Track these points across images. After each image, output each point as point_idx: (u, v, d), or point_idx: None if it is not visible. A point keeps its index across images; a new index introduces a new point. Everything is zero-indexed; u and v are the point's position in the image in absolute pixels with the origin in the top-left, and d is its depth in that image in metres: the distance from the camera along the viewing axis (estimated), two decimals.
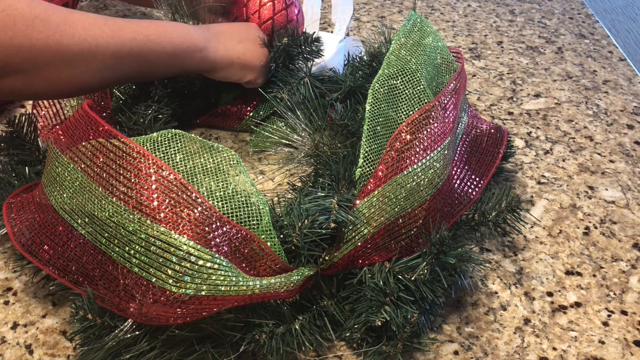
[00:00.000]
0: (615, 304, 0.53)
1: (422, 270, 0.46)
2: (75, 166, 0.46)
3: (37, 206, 0.47)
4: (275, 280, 0.43)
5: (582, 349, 0.48)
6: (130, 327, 0.42)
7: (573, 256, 0.57)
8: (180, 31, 0.58)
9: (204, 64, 0.60)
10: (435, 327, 0.49)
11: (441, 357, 0.47)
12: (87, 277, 0.44)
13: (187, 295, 0.40)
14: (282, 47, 0.64)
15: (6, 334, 0.47)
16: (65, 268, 0.45)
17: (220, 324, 0.43)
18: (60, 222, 0.45)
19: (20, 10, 0.47)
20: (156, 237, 0.41)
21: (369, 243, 0.48)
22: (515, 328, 0.50)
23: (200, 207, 0.43)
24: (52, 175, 0.47)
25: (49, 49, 0.48)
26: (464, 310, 0.51)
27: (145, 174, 0.43)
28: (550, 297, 0.53)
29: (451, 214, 0.53)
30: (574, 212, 0.63)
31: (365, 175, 0.49)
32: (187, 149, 0.47)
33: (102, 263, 0.43)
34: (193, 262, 0.40)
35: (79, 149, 0.46)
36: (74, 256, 0.44)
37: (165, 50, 0.56)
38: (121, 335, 0.42)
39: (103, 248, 0.43)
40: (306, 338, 0.45)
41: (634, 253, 0.58)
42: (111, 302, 0.42)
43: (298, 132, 0.56)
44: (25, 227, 0.47)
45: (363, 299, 0.46)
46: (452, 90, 0.55)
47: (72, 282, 0.45)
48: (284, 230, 0.46)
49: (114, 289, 0.42)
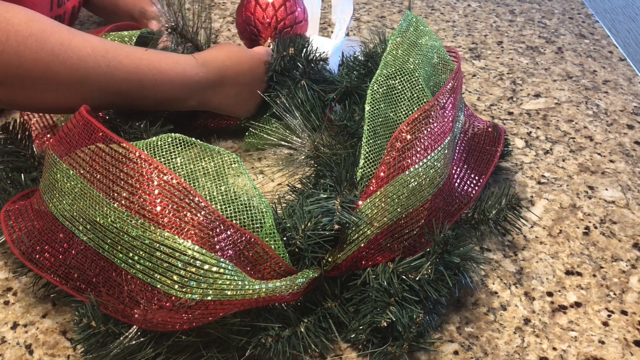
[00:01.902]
0: (615, 304, 0.52)
1: (427, 270, 0.46)
2: (75, 172, 0.46)
3: (36, 213, 0.47)
4: (281, 283, 0.43)
5: (582, 349, 0.48)
6: (135, 334, 0.42)
7: (573, 256, 0.57)
8: (179, 70, 0.56)
9: (196, 107, 0.61)
10: (435, 327, 0.49)
11: (441, 357, 0.47)
12: (90, 284, 0.44)
13: (194, 301, 0.40)
14: (288, 57, 0.64)
15: (6, 334, 0.47)
16: (67, 275, 0.44)
17: (226, 329, 0.43)
18: (60, 229, 0.45)
19: (17, 26, 0.46)
20: (160, 242, 0.41)
21: (372, 244, 0.47)
22: (515, 328, 0.50)
23: (204, 211, 0.43)
24: (50, 181, 0.47)
25: (38, 70, 0.47)
26: (464, 310, 0.51)
27: (147, 179, 0.43)
28: (550, 297, 0.53)
29: (452, 213, 0.53)
30: (574, 212, 0.63)
31: (366, 176, 0.49)
32: (188, 152, 0.47)
33: (104, 269, 0.43)
34: (198, 266, 0.40)
35: (78, 154, 0.46)
36: (76, 263, 0.44)
37: (156, 96, 0.56)
38: (126, 342, 0.41)
39: (106, 254, 0.42)
40: (312, 340, 0.45)
41: (634, 253, 0.58)
42: (115, 309, 0.42)
43: (297, 134, 0.56)
44: (25, 234, 0.46)
45: (367, 300, 0.46)
46: (450, 89, 0.55)
47: (74, 289, 0.44)
48: (287, 232, 0.46)
49: (117, 296, 0.42)
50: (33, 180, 0.55)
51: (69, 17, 0.76)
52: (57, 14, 0.72)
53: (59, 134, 0.49)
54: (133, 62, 0.53)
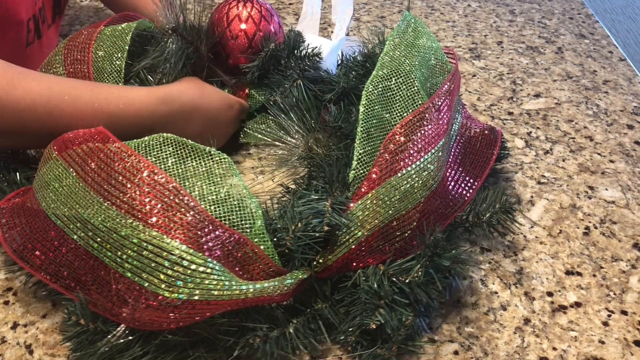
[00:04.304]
0: (615, 304, 0.52)
1: (416, 273, 0.46)
2: (69, 170, 0.46)
3: (29, 211, 0.47)
4: (269, 284, 0.42)
5: (582, 349, 0.48)
6: (123, 332, 0.42)
7: (573, 256, 0.57)
8: (133, 122, 0.54)
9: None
10: (435, 327, 0.49)
11: (441, 357, 0.47)
12: (79, 283, 0.44)
13: (180, 300, 0.40)
14: (269, 53, 0.64)
15: (6, 334, 0.47)
16: (57, 273, 0.45)
17: (213, 329, 0.43)
18: (51, 227, 0.45)
19: None
20: (148, 242, 0.41)
21: (363, 246, 0.47)
22: (515, 328, 0.50)
23: (193, 211, 0.43)
24: (44, 180, 0.47)
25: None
26: (464, 310, 0.51)
27: (138, 179, 0.43)
28: (550, 297, 0.53)
29: (445, 215, 0.52)
30: (574, 212, 0.62)
31: (359, 177, 0.49)
32: (179, 152, 0.47)
33: (94, 268, 0.43)
34: (185, 266, 0.40)
35: (70, 153, 0.46)
36: (66, 261, 0.44)
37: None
38: (114, 341, 0.42)
39: (95, 253, 0.43)
40: (300, 341, 0.45)
41: (634, 253, 0.58)
42: (104, 307, 0.42)
43: (291, 134, 0.56)
44: (17, 232, 0.47)
45: (357, 302, 0.46)
46: (446, 91, 0.55)
47: (64, 287, 0.44)
48: (278, 233, 0.46)
49: (106, 294, 0.42)
50: (28, 178, 0.56)
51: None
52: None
53: (66, 134, 0.49)
54: (77, 109, 0.52)
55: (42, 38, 0.72)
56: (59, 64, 0.60)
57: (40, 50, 0.71)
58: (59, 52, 0.61)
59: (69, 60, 0.60)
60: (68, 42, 0.62)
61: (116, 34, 0.62)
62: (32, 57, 0.68)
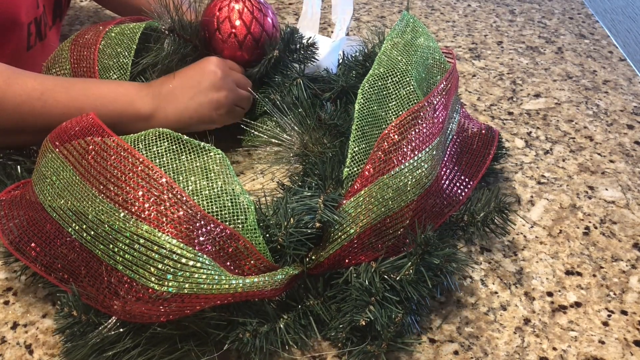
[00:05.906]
0: (615, 304, 0.52)
1: (407, 270, 0.46)
2: (66, 164, 0.46)
3: (27, 204, 0.48)
4: (259, 279, 0.43)
5: (582, 349, 0.48)
6: (114, 325, 0.42)
7: (573, 256, 0.57)
8: (123, 101, 0.57)
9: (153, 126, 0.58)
10: (435, 327, 0.49)
11: (441, 357, 0.47)
12: (73, 275, 0.44)
13: (170, 293, 0.40)
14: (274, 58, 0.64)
15: (6, 334, 0.47)
16: (51, 265, 0.45)
17: (204, 322, 0.43)
18: (48, 219, 0.45)
19: None
20: (140, 235, 0.41)
21: (355, 243, 0.47)
22: (515, 328, 0.50)
23: (185, 206, 0.43)
24: (42, 172, 0.48)
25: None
26: (464, 310, 0.51)
27: (132, 173, 0.44)
28: (550, 297, 0.53)
29: (439, 214, 0.52)
30: (574, 212, 0.62)
31: (352, 175, 0.49)
32: (174, 147, 0.48)
33: (87, 261, 0.43)
34: (176, 260, 0.41)
35: (67, 147, 0.47)
36: (60, 253, 0.45)
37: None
38: (105, 332, 0.42)
39: (88, 246, 0.43)
40: (290, 337, 0.45)
41: (634, 253, 0.58)
42: (96, 300, 0.43)
43: (287, 132, 0.56)
44: (14, 224, 0.47)
45: (349, 299, 0.46)
46: (443, 90, 0.55)
47: (58, 279, 0.45)
48: (270, 229, 0.46)
49: (98, 287, 0.43)
50: (28, 171, 0.56)
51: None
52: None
53: (61, 126, 0.50)
54: (70, 96, 0.56)
55: (44, 41, 0.73)
56: (65, 59, 0.61)
57: (41, 53, 0.72)
58: (65, 48, 0.62)
59: (74, 57, 0.61)
60: (75, 38, 0.63)
61: (125, 32, 0.63)
62: (33, 61, 0.69)
